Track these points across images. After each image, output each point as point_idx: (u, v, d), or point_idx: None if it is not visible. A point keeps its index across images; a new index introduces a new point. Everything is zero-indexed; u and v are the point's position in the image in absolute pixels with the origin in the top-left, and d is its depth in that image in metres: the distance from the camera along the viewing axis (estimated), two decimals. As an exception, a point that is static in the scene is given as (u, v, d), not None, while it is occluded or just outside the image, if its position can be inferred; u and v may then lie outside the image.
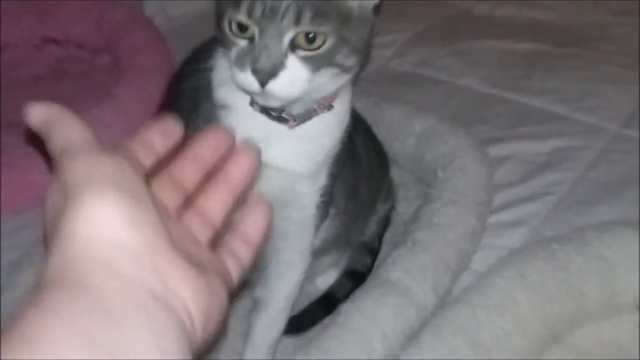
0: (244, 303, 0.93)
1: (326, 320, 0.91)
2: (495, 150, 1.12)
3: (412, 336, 0.82)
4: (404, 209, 1.05)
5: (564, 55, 1.34)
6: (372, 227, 1.00)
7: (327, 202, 0.81)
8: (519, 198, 1.06)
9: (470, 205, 0.96)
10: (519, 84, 1.27)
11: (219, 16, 0.66)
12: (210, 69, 0.74)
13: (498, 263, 0.86)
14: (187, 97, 0.77)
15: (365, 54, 0.69)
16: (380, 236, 1.02)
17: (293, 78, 0.64)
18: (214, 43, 0.72)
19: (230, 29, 0.64)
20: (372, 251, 1.00)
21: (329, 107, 0.72)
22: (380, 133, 1.04)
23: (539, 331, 0.82)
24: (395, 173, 1.07)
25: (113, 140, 1.09)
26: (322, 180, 0.78)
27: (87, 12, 1.40)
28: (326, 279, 0.98)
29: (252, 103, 0.71)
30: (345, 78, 0.69)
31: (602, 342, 0.86)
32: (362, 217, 0.97)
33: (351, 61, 0.67)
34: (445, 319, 0.81)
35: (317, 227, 0.82)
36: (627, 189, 1.06)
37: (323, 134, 0.74)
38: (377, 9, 0.69)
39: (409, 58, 1.38)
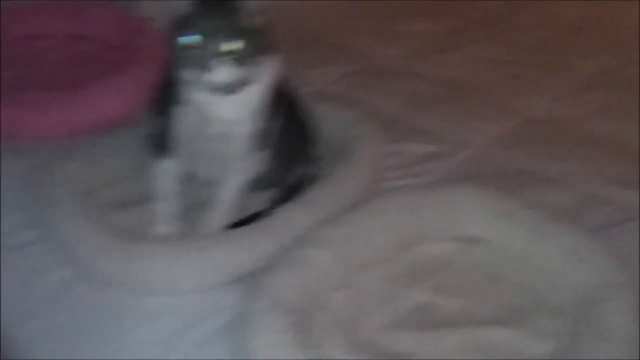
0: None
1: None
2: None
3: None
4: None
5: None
6: (296, 176, 1.43)
7: (256, 138, 1.28)
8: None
9: (364, 165, 1.42)
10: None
11: None
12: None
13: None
14: (167, 78, 1.27)
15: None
16: (302, 182, 1.43)
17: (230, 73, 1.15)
18: None
19: None
20: (295, 190, 1.41)
21: (253, 82, 1.22)
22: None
23: (397, 236, 1.24)
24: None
25: (126, 102, 1.54)
26: (250, 125, 1.27)
27: (108, 18, 1.91)
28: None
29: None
30: (257, 67, 1.20)
31: (434, 255, 1.27)
32: (287, 167, 1.40)
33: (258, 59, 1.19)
34: (341, 214, 1.24)
35: (249, 153, 1.29)
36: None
37: (250, 97, 1.25)
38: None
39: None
